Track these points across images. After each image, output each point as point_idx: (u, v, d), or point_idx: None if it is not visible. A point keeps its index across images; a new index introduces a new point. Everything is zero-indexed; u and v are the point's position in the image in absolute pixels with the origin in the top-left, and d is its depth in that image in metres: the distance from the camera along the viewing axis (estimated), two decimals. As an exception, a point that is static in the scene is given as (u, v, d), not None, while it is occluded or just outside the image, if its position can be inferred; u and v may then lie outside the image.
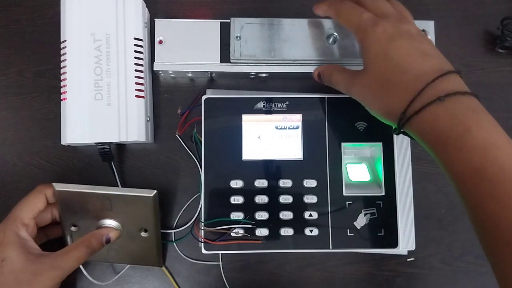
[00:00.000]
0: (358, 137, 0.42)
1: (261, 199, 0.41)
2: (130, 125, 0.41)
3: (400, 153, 0.44)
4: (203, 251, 0.41)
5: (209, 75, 0.46)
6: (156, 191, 0.39)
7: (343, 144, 0.42)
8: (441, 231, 0.46)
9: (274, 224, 0.41)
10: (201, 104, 0.42)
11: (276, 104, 0.43)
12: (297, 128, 0.42)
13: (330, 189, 0.42)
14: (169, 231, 0.45)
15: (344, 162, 0.42)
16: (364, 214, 0.42)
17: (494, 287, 0.46)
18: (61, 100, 0.42)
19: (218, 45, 0.43)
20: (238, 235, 0.41)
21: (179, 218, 0.45)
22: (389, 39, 0.33)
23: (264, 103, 0.43)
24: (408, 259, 0.46)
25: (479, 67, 0.48)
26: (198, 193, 0.44)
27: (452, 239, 0.46)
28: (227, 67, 0.43)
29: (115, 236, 0.39)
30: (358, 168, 0.44)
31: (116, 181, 0.44)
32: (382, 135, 0.43)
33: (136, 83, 0.42)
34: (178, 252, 0.45)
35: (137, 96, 0.42)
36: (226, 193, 0.42)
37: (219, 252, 0.44)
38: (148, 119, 0.44)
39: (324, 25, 0.43)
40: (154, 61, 0.43)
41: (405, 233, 0.44)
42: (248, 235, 0.41)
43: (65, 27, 0.42)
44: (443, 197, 0.46)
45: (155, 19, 0.44)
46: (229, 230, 0.41)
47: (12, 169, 0.46)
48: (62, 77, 0.42)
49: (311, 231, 0.41)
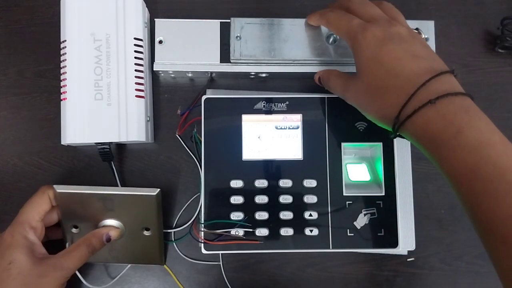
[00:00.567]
0: (358, 137, 0.42)
1: (261, 199, 0.41)
2: (130, 125, 0.41)
3: (400, 153, 0.44)
4: (203, 251, 0.41)
5: (209, 75, 0.46)
6: (159, 190, 0.39)
7: (343, 144, 0.42)
8: (441, 231, 0.46)
9: (274, 224, 0.41)
10: (201, 104, 0.42)
11: (276, 104, 0.43)
12: (297, 128, 0.42)
13: (330, 189, 0.42)
14: (169, 231, 0.45)
15: (344, 162, 0.42)
16: (364, 214, 0.42)
17: (494, 287, 0.46)
18: (61, 100, 0.42)
19: (218, 45, 0.43)
20: (238, 235, 0.41)
21: (179, 218, 0.45)
22: (379, 44, 0.33)
23: (264, 103, 0.43)
24: (408, 259, 0.46)
25: (479, 67, 0.48)
26: (198, 193, 0.44)
27: (452, 239, 0.46)
28: (227, 67, 0.43)
29: (116, 235, 0.40)
30: (358, 168, 0.44)
31: (116, 181, 0.44)
32: (382, 135, 0.43)
33: (136, 83, 0.42)
34: (178, 252, 0.45)
35: (137, 96, 0.42)
36: (226, 193, 0.42)
37: (219, 252, 0.44)
38: (148, 119, 0.44)
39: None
40: (154, 61, 0.43)
41: (405, 233, 0.44)
42: (248, 236, 0.41)
43: (65, 27, 0.42)
44: (443, 197, 0.46)
45: (155, 19, 0.44)
46: (228, 233, 0.41)
47: (12, 169, 0.46)
48: (62, 77, 0.42)
49: (311, 231, 0.41)
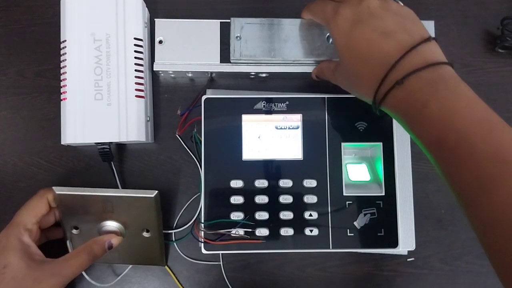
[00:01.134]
0: (358, 137, 0.42)
1: (261, 199, 0.41)
2: (130, 125, 0.41)
3: (400, 153, 0.44)
4: (204, 251, 0.41)
5: (209, 75, 0.46)
6: (157, 191, 0.39)
7: (343, 144, 0.42)
8: (441, 231, 0.46)
9: (274, 224, 0.41)
10: (201, 104, 0.42)
11: (276, 104, 0.43)
12: (297, 128, 0.42)
13: (330, 189, 0.42)
14: (170, 231, 0.45)
15: (344, 162, 0.42)
16: (364, 214, 0.42)
17: (494, 287, 0.46)
18: (61, 100, 0.42)
19: (218, 45, 0.43)
20: (238, 235, 0.41)
21: (179, 218, 0.45)
22: (350, 28, 0.33)
23: (264, 103, 0.43)
24: (408, 259, 0.46)
25: (479, 67, 0.48)
26: (198, 193, 0.44)
27: (452, 239, 0.46)
28: (227, 67, 0.43)
29: (117, 242, 0.39)
30: (358, 168, 0.44)
31: (116, 181, 0.44)
32: (382, 135, 0.43)
33: (136, 83, 0.42)
34: (179, 252, 0.45)
35: (137, 96, 0.42)
36: (226, 193, 0.42)
37: (220, 252, 0.44)
38: (148, 119, 0.44)
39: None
40: (154, 61, 0.43)
41: (405, 233, 0.44)
42: (248, 236, 0.41)
43: (65, 27, 0.42)
44: (443, 197, 0.46)
45: (155, 19, 0.44)
46: (229, 232, 0.41)
47: (12, 169, 0.46)
48: (62, 77, 0.42)
49: (311, 231, 0.41)
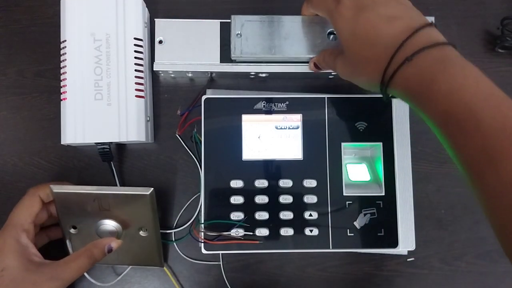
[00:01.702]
0: (358, 137, 0.42)
1: (261, 199, 0.41)
2: (130, 125, 0.41)
3: (400, 153, 0.44)
4: (203, 251, 0.41)
5: (209, 75, 0.46)
6: (153, 189, 0.39)
7: (343, 144, 0.42)
8: (441, 231, 0.46)
9: (274, 224, 0.41)
10: (201, 104, 0.42)
11: (276, 104, 0.43)
12: (297, 128, 0.42)
13: (330, 189, 0.42)
14: (169, 231, 0.45)
15: (344, 162, 0.42)
16: (364, 214, 0.42)
17: (494, 287, 0.46)
18: (61, 100, 0.42)
19: (218, 45, 0.43)
20: (238, 235, 0.41)
21: (179, 218, 0.45)
22: (354, 15, 0.34)
23: (264, 103, 0.43)
24: (408, 259, 0.46)
25: (479, 67, 0.48)
26: (198, 193, 0.44)
27: (452, 239, 0.46)
28: (227, 67, 0.43)
29: (117, 246, 0.39)
30: (358, 168, 0.44)
31: (116, 181, 0.44)
32: (382, 135, 0.43)
33: (136, 83, 0.42)
34: (178, 252, 0.45)
35: (137, 96, 0.42)
36: (226, 193, 0.42)
37: (219, 252, 0.44)
38: (148, 119, 0.44)
39: (325, 22, 0.43)
40: (154, 61, 0.43)
41: (405, 233, 0.44)
42: (248, 236, 0.41)
43: (65, 27, 0.42)
44: (443, 197, 0.46)
45: (155, 19, 0.44)
46: (229, 233, 0.41)
47: (12, 169, 0.46)
48: (62, 77, 0.42)
49: (311, 231, 0.41)
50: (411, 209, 0.45)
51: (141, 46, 0.43)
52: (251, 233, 0.41)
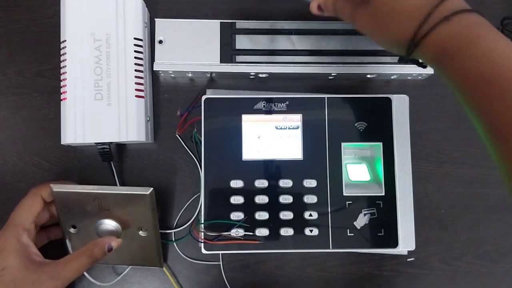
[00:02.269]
0: (358, 137, 0.42)
1: (261, 199, 0.41)
2: (130, 125, 0.41)
3: (400, 153, 0.44)
4: (203, 251, 0.41)
5: (209, 75, 0.46)
6: (152, 189, 0.39)
7: (343, 144, 0.42)
8: (441, 231, 0.46)
9: (274, 224, 0.41)
10: (201, 104, 0.42)
11: (276, 104, 0.43)
12: (297, 128, 0.42)
13: (330, 189, 0.42)
14: (169, 231, 0.45)
15: (344, 162, 0.42)
16: (364, 214, 0.42)
17: (494, 287, 0.46)
18: (61, 100, 0.42)
19: (218, 45, 0.43)
20: (238, 235, 0.41)
21: (179, 218, 0.45)
22: None
23: (264, 103, 0.43)
24: (408, 259, 0.46)
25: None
26: (198, 193, 0.44)
27: (452, 239, 0.46)
28: (227, 67, 0.43)
29: (117, 245, 0.39)
30: (358, 168, 0.44)
31: (116, 181, 0.44)
32: (382, 135, 0.43)
33: (136, 83, 0.42)
34: (178, 252, 0.45)
35: (137, 96, 0.42)
36: (226, 193, 0.42)
37: (219, 252, 0.44)
38: (148, 119, 0.44)
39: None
40: (154, 61, 0.43)
41: (405, 233, 0.44)
42: (248, 236, 0.41)
43: (65, 27, 0.42)
44: (443, 197, 0.46)
45: (155, 19, 0.44)
46: (228, 233, 0.41)
47: (12, 169, 0.46)
48: (62, 77, 0.42)
49: (311, 231, 0.41)
50: (411, 209, 0.45)
51: (141, 46, 0.43)
52: (251, 233, 0.41)
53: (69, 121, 0.41)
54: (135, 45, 0.42)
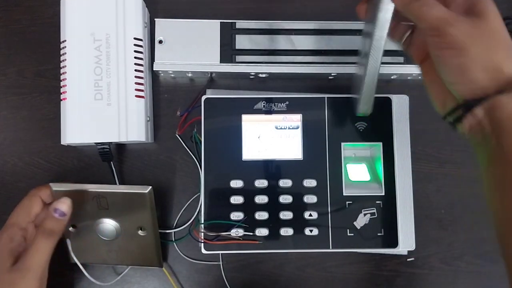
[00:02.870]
0: (358, 137, 0.42)
1: (261, 199, 0.41)
2: (130, 125, 0.41)
3: (400, 153, 0.44)
4: (203, 251, 0.41)
5: (209, 75, 0.46)
6: (151, 187, 0.39)
7: (343, 144, 0.42)
8: (441, 231, 0.46)
9: (274, 224, 0.41)
10: (201, 104, 0.42)
11: (276, 104, 0.43)
12: (297, 128, 0.42)
13: (330, 189, 0.42)
14: (169, 231, 0.45)
15: (344, 162, 0.42)
16: (364, 214, 0.42)
17: (494, 287, 0.46)
18: (61, 100, 0.42)
19: (218, 45, 0.43)
20: (238, 235, 0.41)
21: (179, 218, 0.45)
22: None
23: (264, 103, 0.43)
24: (408, 259, 0.46)
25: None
26: (198, 193, 0.44)
27: (452, 239, 0.46)
28: (227, 67, 0.43)
29: (66, 205, 0.37)
30: (358, 168, 0.44)
31: (116, 181, 0.44)
32: (382, 135, 0.43)
33: (136, 83, 0.42)
34: (178, 252, 0.45)
35: (137, 96, 0.42)
36: (226, 193, 0.42)
37: (219, 252, 0.44)
38: (148, 119, 0.44)
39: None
40: (154, 61, 0.43)
41: (405, 233, 0.44)
42: (248, 236, 0.41)
43: (65, 27, 0.42)
44: (443, 197, 0.46)
45: (155, 19, 0.44)
46: (227, 233, 0.41)
47: (12, 169, 0.46)
48: (62, 77, 0.42)
49: (311, 231, 0.41)
50: (411, 209, 0.45)
51: (141, 46, 0.43)
52: (251, 233, 0.41)
53: (69, 121, 0.41)
54: (135, 45, 0.42)
